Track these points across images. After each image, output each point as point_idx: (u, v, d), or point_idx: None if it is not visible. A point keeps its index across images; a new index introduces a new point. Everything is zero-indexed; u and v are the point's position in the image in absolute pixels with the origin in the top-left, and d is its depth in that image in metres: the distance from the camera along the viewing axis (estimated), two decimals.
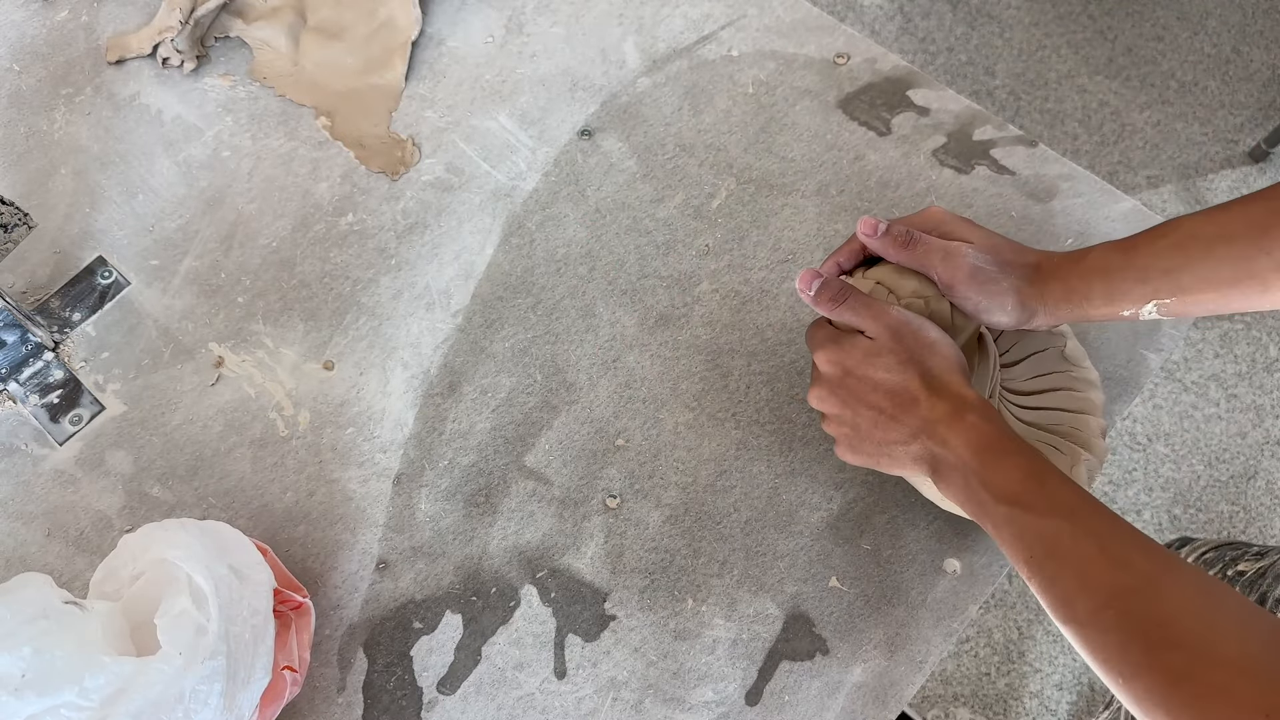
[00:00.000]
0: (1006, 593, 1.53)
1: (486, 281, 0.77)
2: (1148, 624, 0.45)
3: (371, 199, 0.80)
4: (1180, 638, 0.44)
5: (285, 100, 0.84)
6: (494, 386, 0.73)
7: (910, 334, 0.57)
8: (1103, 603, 0.47)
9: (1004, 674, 1.48)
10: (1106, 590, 0.47)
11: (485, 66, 0.86)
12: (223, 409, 0.73)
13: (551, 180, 0.81)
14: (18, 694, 0.49)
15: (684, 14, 0.87)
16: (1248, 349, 1.71)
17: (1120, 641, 0.46)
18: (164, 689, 0.51)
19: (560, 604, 0.67)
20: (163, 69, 0.85)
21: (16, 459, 0.71)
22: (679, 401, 0.72)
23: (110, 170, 0.82)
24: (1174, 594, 0.46)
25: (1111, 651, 0.46)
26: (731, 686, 0.64)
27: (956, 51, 1.97)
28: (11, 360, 0.72)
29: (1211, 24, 2.01)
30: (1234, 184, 1.86)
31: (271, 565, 0.62)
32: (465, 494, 0.70)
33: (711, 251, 0.78)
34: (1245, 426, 1.66)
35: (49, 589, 0.56)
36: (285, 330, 0.75)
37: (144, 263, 0.78)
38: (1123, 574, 0.47)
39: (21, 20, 0.88)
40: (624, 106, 0.83)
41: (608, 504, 0.69)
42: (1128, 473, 1.62)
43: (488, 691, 0.65)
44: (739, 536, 0.68)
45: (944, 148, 0.81)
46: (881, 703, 0.64)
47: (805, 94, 0.83)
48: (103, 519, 0.69)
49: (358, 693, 0.65)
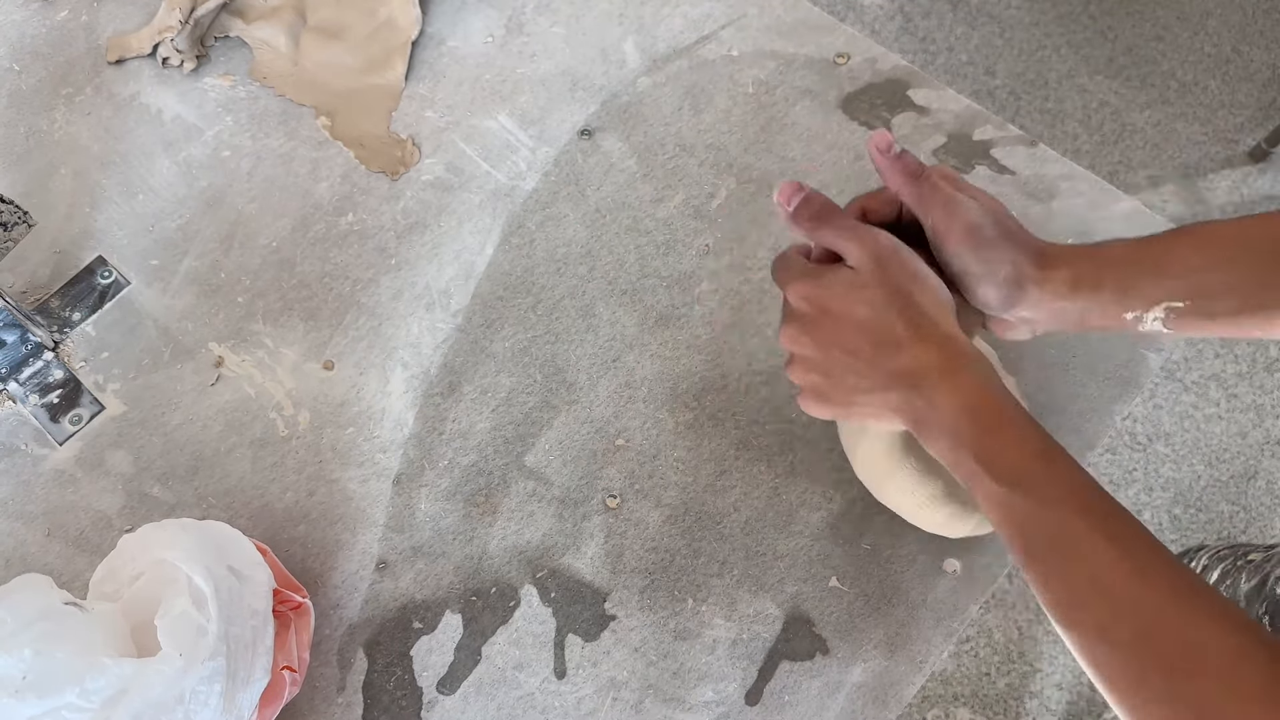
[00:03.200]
0: (1006, 593, 1.53)
1: (486, 281, 0.77)
2: (1171, 648, 0.41)
3: (371, 199, 0.80)
4: (1206, 668, 0.40)
5: (285, 100, 0.84)
6: (494, 386, 0.73)
7: (897, 263, 0.51)
8: (1119, 616, 0.42)
9: (1004, 674, 1.48)
10: (1126, 602, 0.42)
11: (485, 66, 0.86)
12: (223, 409, 0.73)
13: (551, 180, 0.81)
14: (18, 696, 0.49)
15: (684, 14, 0.87)
16: (1248, 349, 1.71)
17: (1137, 664, 0.42)
18: (164, 690, 0.51)
19: (560, 604, 0.67)
20: (163, 69, 0.85)
21: (16, 459, 0.71)
22: (679, 401, 0.72)
23: (110, 170, 0.82)
24: (1199, 617, 0.41)
25: (1125, 672, 0.42)
26: (731, 686, 0.64)
27: (957, 51, 1.97)
28: (11, 360, 0.72)
29: (1212, 24, 2.01)
30: (1234, 184, 1.86)
31: (271, 565, 0.62)
32: (465, 494, 0.70)
33: (711, 251, 0.78)
34: (1246, 426, 1.66)
35: (49, 590, 0.56)
36: (285, 330, 0.75)
37: (144, 262, 0.78)
38: (1145, 587, 0.42)
39: (21, 20, 0.88)
40: (624, 106, 0.83)
41: (608, 504, 0.69)
42: (1128, 473, 1.62)
43: (488, 691, 0.65)
44: (739, 536, 0.68)
45: (944, 147, 0.81)
46: (881, 703, 0.64)
47: (805, 94, 0.83)
48: (102, 519, 0.69)
49: (357, 693, 0.65)
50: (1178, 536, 1.58)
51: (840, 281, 0.51)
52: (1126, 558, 0.43)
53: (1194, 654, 0.40)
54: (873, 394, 0.51)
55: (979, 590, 0.67)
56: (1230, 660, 0.40)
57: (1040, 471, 0.46)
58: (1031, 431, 0.47)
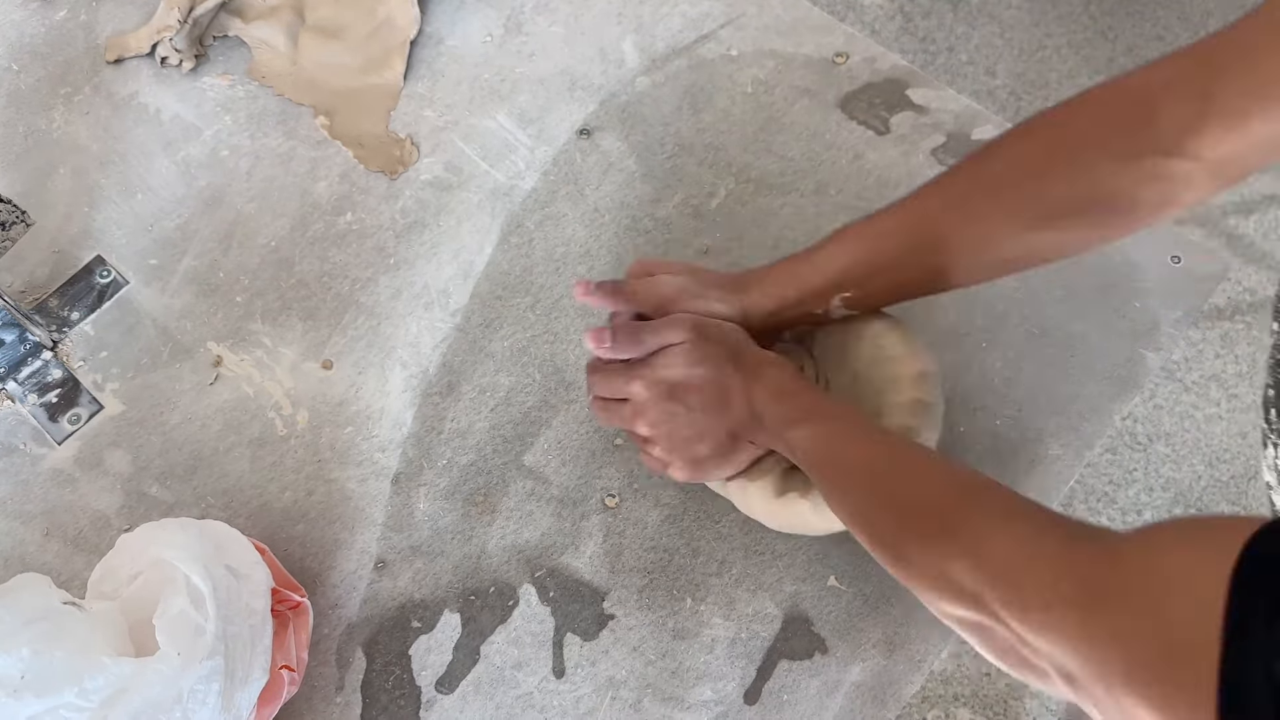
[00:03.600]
0: None
1: (485, 281, 0.77)
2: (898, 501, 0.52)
3: (370, 198, 0.80)
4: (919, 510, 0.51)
5: (284, 99, 0.84)
6: (493, 386, 0.73)
7: (711, 326, 0.61)
8: (871, 485, 0.54)
9: (1004, 674, 1.48)
10: (874, 473, 0.54)
11: (484, 66, 0.86)
12: (221, 408, 0.73)
13: (550, 179, 0.80)
14: (17, 695, 0.49)
15: (683, 13, 0.87)
16: (1248, 349, 1.71)
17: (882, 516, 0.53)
18: (162, 689, 0.51)
19: (559, 603, 0.67)
20: (161, 68, 0.85)
21: (15, 458, 0.71)
22: None
23: (109, 169, 0.82)
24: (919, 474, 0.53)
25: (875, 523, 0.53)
26: (730, 685, 0.64)
27: (957, 51, 1.97)
28: (10, 359, 0.72)
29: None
30: None
31: (269, 564, 0.62)
32: (464, 493, 0.70)
33: (711, 251, 0.77)
34: (1246, 426, 1.66)
35: (48, 590, 0.56)
36: (284, 329, 0.75)
37: (142, 262, 0.78)
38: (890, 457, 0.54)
39: (21, 20, 0.88)
40: (623, 106, 0.83)
41: (606, 503, 0.69)
42: (1128, 473, 1.62)
43: (486, 691, 0.65)
44: (738, 535, 0.68)
45: (943, 147, 0.81)
46: (880, 702, 0.64)
47: (804, 93, 0.83)
48: (101, 518, 0.69)
49: (356, 692, 0.65)
50: None
51: (677, 357, 0.60)
52: (883, 447, 0.56)
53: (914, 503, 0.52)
54: (731, 428, 0.60)
55: None
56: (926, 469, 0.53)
57: (824, 410, 0.58)
58: (810, 391, 0.60)
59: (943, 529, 0.48)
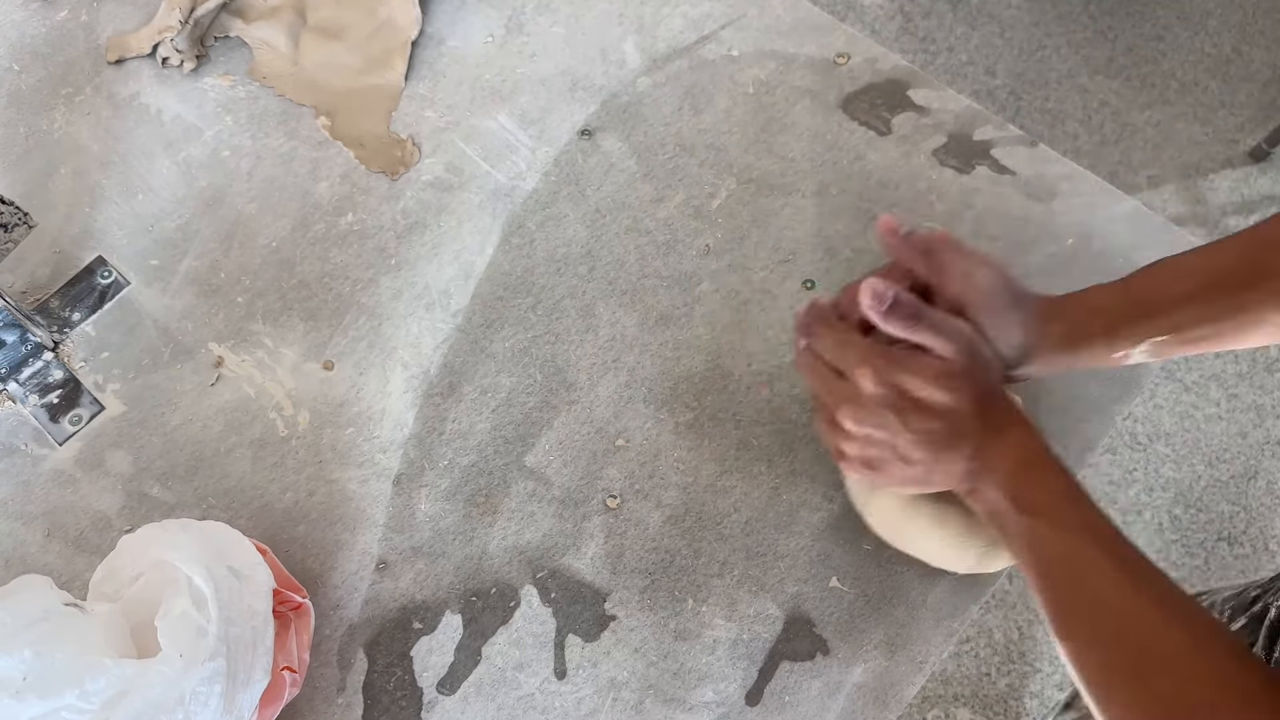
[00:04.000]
0: (1007, 593, 1.53)
1: (486, 281, 0.77)
2: (1144, 648, 0.45)
3: (371, 199, 0.80)
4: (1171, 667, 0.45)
5: (285, 100, 0.84)
6: (494, 386, 0.73)
7: (982, 356, 0.54)
8: (1106, 622, 0.47)
9: (1004, 674, 1.48)
10: (1116, 610, 0.47)
11: (485, 66, 0.86)
12: (222, 409, 0.73)
13: (551, 180, 0.80)
14: (19, 697, 0.49)
15: (684, 13, 0.87)
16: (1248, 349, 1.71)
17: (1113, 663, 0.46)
18: (164, 691, 0.51)
19: (560, 604, 0.67)
20: (162, 69, 0.85)
21: (16, 459, 0.71)
22: (679, 402, 0.72)
23: (110, 170, 0.82)
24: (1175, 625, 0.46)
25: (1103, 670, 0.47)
26: (732, 687, 0.64)
27: (957, 51, 1.97)
28: (11, 360, 0.72)
29: (1212, 24, 2.01)
30: (1234, 184, 1.86)
31: (271, 566, 0.62)
32: (465, 494, 0.70)
33: (712, 251, 0.77)
34: (1246, 426, 1.66)
35: (49, 591, 0.56)
36: (285, 330, 0.75)
37: (144, 262, 0.78)
38: (1137, 598, 0.47)
39: (21, 20, 0.88)
40: (624, 106, 0.83)
41: (608, 504, 0.69)
42: (1128, 473, 1.62)
43: (488, 692, 0.64)
44: (739, 537, 0.68)
45: (944, 147, 0.81)
46: (882, 703, 0.64)
47: (805, 94, 0.83)
48: (102, 519, 0.69)
49: (357, 693, 0.65)
50: (1178, 536, 1.58)
51: (929, 369, 0.53)
52: (1126, 576, 0.48)
53: (1162, 653, 0.45)
54: (946, 466, 0.54)
55: (979, 591, 0.67)
56: (1190, 659, 0.44)
57: (1062, 506, 0.51)
58: (1067, 478, 0.52)
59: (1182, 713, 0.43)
